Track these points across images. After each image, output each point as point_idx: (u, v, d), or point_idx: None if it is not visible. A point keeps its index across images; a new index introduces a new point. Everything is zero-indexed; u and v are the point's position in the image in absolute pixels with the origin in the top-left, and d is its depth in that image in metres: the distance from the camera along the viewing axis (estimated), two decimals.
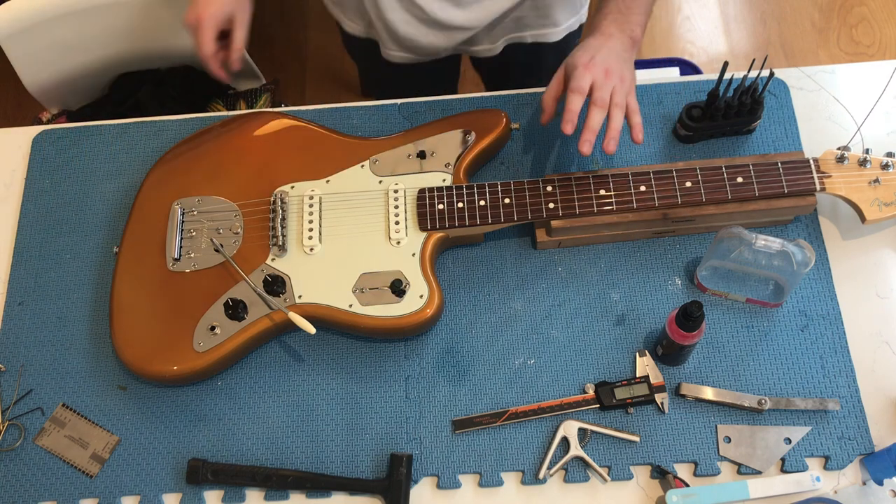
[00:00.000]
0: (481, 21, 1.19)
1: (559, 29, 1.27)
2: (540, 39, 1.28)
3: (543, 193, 1.02)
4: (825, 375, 0.99)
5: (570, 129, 0.95)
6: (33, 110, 1.58)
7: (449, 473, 0.97)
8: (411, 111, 1.18)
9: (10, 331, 1.07)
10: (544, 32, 1.27)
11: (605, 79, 0.96)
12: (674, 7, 2.39)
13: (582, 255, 1.07)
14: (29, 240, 1.12)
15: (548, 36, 1.28)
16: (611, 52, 0.99)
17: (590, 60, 0.97)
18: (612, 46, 1.00)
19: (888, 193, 1.01)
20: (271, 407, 1.01)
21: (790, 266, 0.97)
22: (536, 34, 1.28)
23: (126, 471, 0.99)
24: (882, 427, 0.97)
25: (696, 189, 1.01)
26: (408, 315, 0.97)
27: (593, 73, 0.96)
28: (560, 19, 1.26)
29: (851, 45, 2.30)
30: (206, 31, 1.08)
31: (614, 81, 0.96)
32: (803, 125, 1.14)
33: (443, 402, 1.00)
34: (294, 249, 1.02)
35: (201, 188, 1.08)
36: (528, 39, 1.28)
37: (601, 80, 0.96)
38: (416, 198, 1.03)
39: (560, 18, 1.26)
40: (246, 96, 1.57)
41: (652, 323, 1.03)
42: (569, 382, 1.01)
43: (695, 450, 0.97)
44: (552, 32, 1.28)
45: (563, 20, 1.26)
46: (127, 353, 0.99)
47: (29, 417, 1.02)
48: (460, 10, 1.16)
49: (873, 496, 0.94)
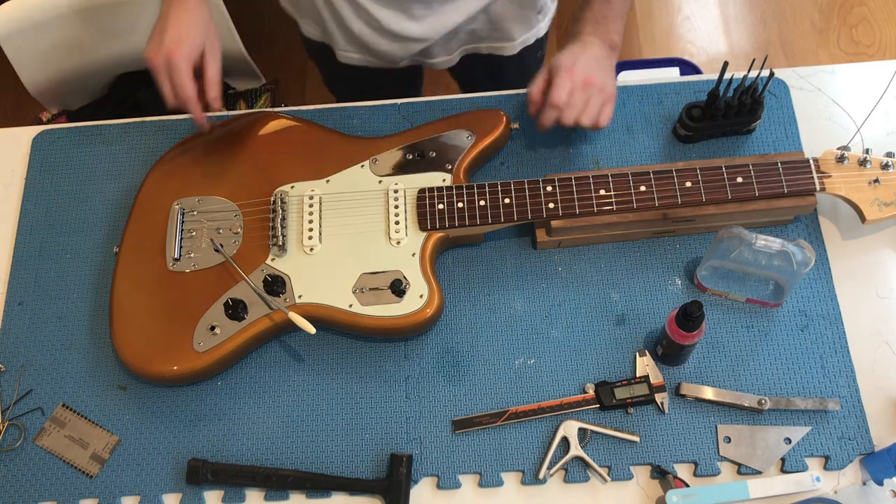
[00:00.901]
0: (436, 33, 1.20)
1: (514, 44, 1.28)
2: (495, 52, 1.30)
3: (543, 193, 1.02)
4: (825, 375, 1.00)
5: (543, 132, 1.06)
6: (33, 110, 1.58)
7: (449, 473, 0.97)
8: (411, 111, 1.18)
9: (10, 331, 1.07)
10: (499, 46, 1.29)
11: (583, 88, 1.02)
12: (674, 7, 2.39)
13: (582, 255, 1.07)
14: (29, 240, 1.12)
15: (503, 50, 1.29)
16: (592, 59, 1.05)
17: (572, 65, 1.03)
18: (593, 53, 1.05)
19: (888, 193, 1.01)
20: (271, 407, 1.01)
21: (790, 266, 0.97)
22: (492, 47, 1.29)
23: (126, 471, 0.99)
24: (882, 427, 0.97)
25: (696, 189, 1.01)
26: (408, 315, 0.97)
27: (573, 80, 1.02)
28: (515, 34, 1.27)
29: (851, 45, 2.30)
30: (182, 72, 0.99)
31: (593, 91, 1.02)
32: (803, 125, 1.14)
33: (443, 402, 1.00)
34: (294, 249, 1.02)
35: (201, 188, 1.08)
36: (484, 51, 1.30)
37: (579, 90, 1.02)
38: (416, 198, 1.03)
39: (515, 34, 1.27)
40: (246, 96, 1.57)
41: (652, 323, 1.03)
42: (569, 382, 1.01)
43: (695, 450, 0.97)
44: (507, 47, 1.29)
45: (517, 35, 1.27)
46: (127, 353, 0.99)
47: (29, 417, 1.02)
48: (414, 23, 1.18)
49: (873, 496, 0.94)
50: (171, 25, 1.01)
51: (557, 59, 1.04)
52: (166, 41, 1.00)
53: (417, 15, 1.16)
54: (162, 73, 1.01)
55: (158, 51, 1.00)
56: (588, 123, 1.03)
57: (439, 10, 1.16)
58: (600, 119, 1.03)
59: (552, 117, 1.03)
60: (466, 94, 1.20)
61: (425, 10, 1.16)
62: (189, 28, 1.02)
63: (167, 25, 1.02)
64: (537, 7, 1.25)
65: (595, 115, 1.03)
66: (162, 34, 1.01)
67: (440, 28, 1.19)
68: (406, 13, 1.16)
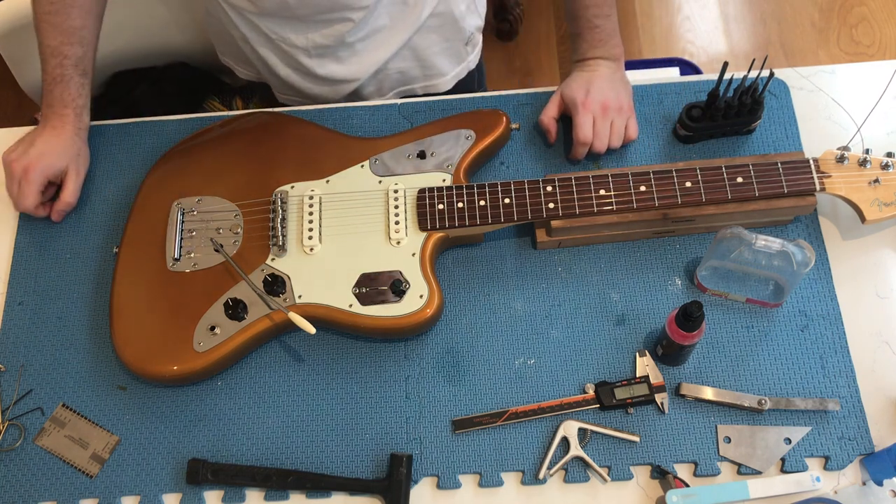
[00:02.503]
0: (363, 73, 1.21)
1: (447, 78, 1.29)
2: (430, 91, 1.29)
3: (543, 193, 1.02)
4: (825, 375, 0.99)
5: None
6: (33, 110, 1.58)
7: (449, 473, 0.97)
8: (411, 111, 1.18)
9: (10, 331, 1.07)
10: (433, 84, 1.29)
11: (603, 115, 1.07)
12: (674, 7, 2.39)
13: (582, 255, 1.07)
14: (29, 240, 1.12)
15: (438, 86, 1.29)
16: (602, 80, 1.09)
17: (586, 96, 1.08)
18: (601, 74, 1.10)
19: (888, 193, 1.01)
20: (271, 407, 1.01)
21: (790, 266, 0.97)
22: (426, 86, 1.29)
23: (126, 471, 0.99)
24: (882, 427, 0.97)
25: (696, 189, 1.01)
26: (408, 315, 0.97)
27: (592, 111, 1.07)
28: (445, 69, 1.27)
29: (851, 45, 2.30)
30: (31, 185, 1.06)
31: (612, 115, 1.08)
32: (803, 125, 1.14)
33: (443, 402, 1.00)
34: (294, 249, 1.02)
35: (201, 188, 1.08)
36: (419, 92, 1.29)
37: (600, 118, 1.07)
38: (416, 198, 1.03)
39: (445, 68, 1.27)
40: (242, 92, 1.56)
41: (652, 323, 1.03)
42: (569, 382, 1.01)
43: (695, 450, 0.97)
44: (441, 83, 1.29)
45: (448, 70, 1.28)
46: (127, 353, 0.99)
47: (29, 417, 1.02)
48: (340, 65, 1.19)
49: (873, 496, 0.94)
50: (42, 141, 1.08)
51: (570, 92, 1.09)
52: (31, 153, 1.07)
53: (341, 57, 1.18)
54: (14, 178, 1.07)
55: (20, 159, 1.07)
56: (619, 145, 1.09)
57: (361, 51, 1.17)
58: (629, 136, 1.10)
59: (583, 153, 1.09)
60: (466, 95, 1.20)
61: (347, 51, 1.17)
62: (57, 150, 1.08)
63: (37, 140, 1.08)
64: (464, 38, 1.25)
65: (622, 135, 1.09)
66: (30, 146, 1.08)
67: (367, 68, 1.20)
68: (330, 57, 1.17)
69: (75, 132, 1.10)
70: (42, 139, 1.08)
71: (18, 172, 1.07)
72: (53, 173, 1.08)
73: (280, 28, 1.15)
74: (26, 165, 1.06)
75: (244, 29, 1.18)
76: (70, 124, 1.10)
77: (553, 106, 1.11)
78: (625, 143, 1.10)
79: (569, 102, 1.09)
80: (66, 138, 1.09)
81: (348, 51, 1.17)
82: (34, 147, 1.08)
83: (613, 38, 1.12)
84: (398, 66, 1.23)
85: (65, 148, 1.09)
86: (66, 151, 1.09)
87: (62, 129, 1.09)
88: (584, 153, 1.10)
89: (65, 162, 1.09)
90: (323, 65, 1.19)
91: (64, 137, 1.09)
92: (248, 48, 1.22)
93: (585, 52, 1.12)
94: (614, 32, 1.12)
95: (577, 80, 1.10)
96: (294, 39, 1.16)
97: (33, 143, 1.08)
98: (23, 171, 1.06)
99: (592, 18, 1.10)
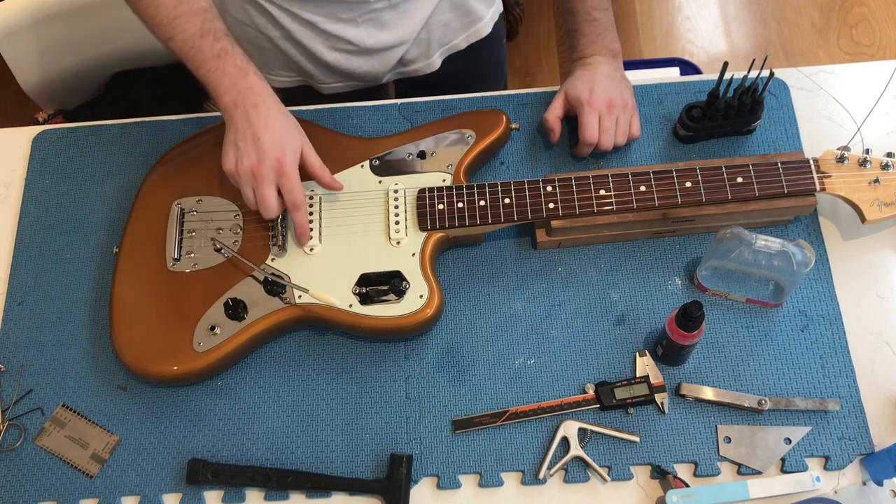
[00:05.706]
0: (409, 35, 1.19)
1: (486, 21, 1.27)
2: (473, 39, 1.28)
3: (543, 193, 1.02)
4: (825, 375, 1.00)
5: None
6: (33, 110, 1.58)
7: (449, 473, 0.97)
8: (411, 111, 1.18)
9: (10, 331, 1.07)
10: (474, 30, 1.27)
11: (608, 113, 1.07)
12: (674, 7, 2.39)
13: (582, 255, 1.07)
14: (29, 240, 1.12)
15: (479, 32, 1.28)
16: (604, 78, 1.09)
17: (590, 94, 1.07)
18: (602, 71, 1.10)
19: (888, 193, 1.01)
20: (271, 407, 1.01)
21: (790, 266, 0.97)
22: (468, 36, 1.28)
23: (126, 471, 0.99)
24: (882, 427, 0.97)
25: (696, 189, 1.01)
26: (408, 315, 0.97)
27: (597, 109, 1.07)
28: (482, 12, 1.26)
29: (851, 45, 2.30)
30: (292, 179, 0.93)
31: (617, 112, 1.08)
32: (803, 125, 1.14)
33: (443, 402, 1.00)
34: (294, 249, 1.02)
35: (201, 188, 1.08)
36: (463, 45, 1.29)
37: (606, 116, 1.07)
38: (416, 198, 1.03)
39: (482, 11, 1.26)
40: None
41: (652, 323, 1.03)
42: (569, 382, 1.01)
43: (695, 450, 0.97)
44: (481, 27, 1.27)
45: (485, 12, 1.26)
46: (127, 353, 0.99)
47: (29, 417, 1.02)
48: (387, 32, 1.17)
49: (873, 496, 0.94)
50: (263, 132, 0.94)
51: (575, 91, 1.09)
52: (266, 147, 0.93)
53: (386, 21, 1.16)
54: (265, 181, 0.94)
55: (262, 160, 0.93)
56: (624, 142, 1.09)
57: (405, 10, 1.16)
58: (632, 133, 1.10)
59: (588, 152, 1.10)
60: (466, 94, 1.20)
61: (392, 12, 1.15)
62: (283, 132, 0.95)
63: (258, 132, 0.93)
64: None
65: (626, 132, 1.09)
66: (255, 140, 0.93)
67: (412, 28, 1.19)
68: (376, 24, 1.16)
69: (274, 100, 0.96)
70: (261, 126, 0.93)
71: (269, 175, 0.94)
72: (299, 154, 0.96)
73: (322, 8, 1.13)
74: (276, 161, 0.93)
75: (286, 22, 1.15)
76: (265, 92, 0.96)
77: (558, 105, 1.11)
78: (629, 140, 1.10)
79: (573, 101, 1.09)
80: (277, 108, 0.96)
81: (393, 12, 1.15)
82: (262, 142, 0.93)
83: (611, 32, 1.11)
84: (440, 20, 1.22)
85: (285, 120, 0.96)
86: (288, 124, 0.96)
87: (263, 103, 0.95)
88: (590, 152, 1.10)
89: (298, 140, 0.97)
90: (371, 35, 1.17)
91: (275, 110, 0.95)
92: (291, 44, 1.19)
93: (585, 49, 1.12)
94: (612, 27, 1.12)
95: (580, 78, 1.10)
96: (339, 13, 1.13)
97: (258, 138, 0.93)
98: (275, 170, 0.94)
99: (591, 11, 1.10)
